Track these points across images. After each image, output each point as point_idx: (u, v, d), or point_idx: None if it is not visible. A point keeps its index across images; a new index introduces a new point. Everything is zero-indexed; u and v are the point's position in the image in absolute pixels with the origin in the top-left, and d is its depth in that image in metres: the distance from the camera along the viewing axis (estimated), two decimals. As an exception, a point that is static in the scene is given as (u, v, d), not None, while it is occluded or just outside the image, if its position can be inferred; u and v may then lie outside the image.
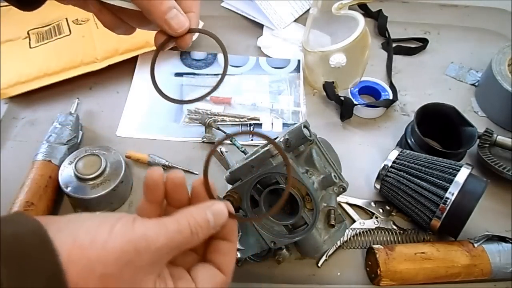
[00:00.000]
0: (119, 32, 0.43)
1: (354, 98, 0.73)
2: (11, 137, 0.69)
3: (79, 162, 0.58)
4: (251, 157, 0.48)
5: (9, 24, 0.77)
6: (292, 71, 0.80)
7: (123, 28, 0.42)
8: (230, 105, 0.73)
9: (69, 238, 0.28)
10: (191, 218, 0.33)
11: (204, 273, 0.35)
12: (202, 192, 0.36)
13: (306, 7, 0.89)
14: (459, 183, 0.53)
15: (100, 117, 0.72)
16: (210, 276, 0.35)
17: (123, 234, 0.30)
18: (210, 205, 0.34)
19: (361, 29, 0.69)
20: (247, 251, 0.50)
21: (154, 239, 0.30)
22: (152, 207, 0.36)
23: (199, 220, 0.33)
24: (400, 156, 0.59)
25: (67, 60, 0.73)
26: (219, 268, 0.35)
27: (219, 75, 0.78)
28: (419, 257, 0.53)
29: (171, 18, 0.37)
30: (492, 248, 0.54)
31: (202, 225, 0.33)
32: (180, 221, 0.32)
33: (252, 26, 0.87)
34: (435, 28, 0.89)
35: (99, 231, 0.29)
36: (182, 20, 0.37)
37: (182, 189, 0.36)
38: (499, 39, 0.86)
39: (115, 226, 0.30)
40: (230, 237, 0.36)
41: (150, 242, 0.30)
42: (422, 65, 0.83)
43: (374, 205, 0.61)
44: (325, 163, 0.51)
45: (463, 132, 0.64)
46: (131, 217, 0.31)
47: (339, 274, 0.56)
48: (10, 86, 0.71)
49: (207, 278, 0.34)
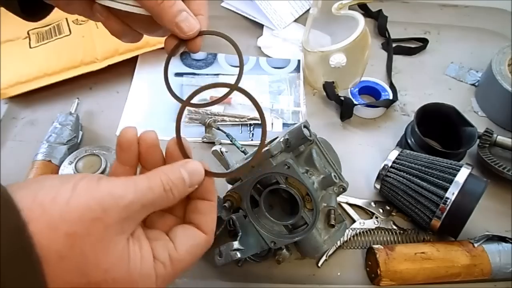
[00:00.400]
0: (126, 40, 0.42)
1: (354, 98, 0.73)
2: (11, 137, 0.69)
3: (79, 162, 0.58)
4: (251, 157, 0.48)
5: (9, 24, 0.77)
6: (292, 71, 0.80)
7: (130, 35, 0.41)
8: (230, 105, 0.73)
9: (29, 196, 0.26)
10: (163, 175, 0.32)
11: (183, 233, 0.34)
12: (176, 152, 0.35)
13: (306, 7, 0.89)
14: (459, 183, 0.53)
15: (100, 117, 0.72)
16: (189, 236, 0.34)
17: (87, 191, 0.28)
18: (184, 163, 0.33)
19: (361, 29, 0.69)
20: (247, 251, 0.50)
21: (121, 195, 0.28)
22: (125, 170, 0.35)
23: (173, 178, 0.32)
24: (400, 156, 0.59)
25: (67, 60, 0.73)
26: (199, 228, 0.34)
27: (219, 75, 0.78)
28: (419, 257, 0.53)
29: (182, 21, 0.36)
30: (492, 248, 0.54)
31: (176, 183, 0.32)
32: (150, 178, 0.31)
33: (252, 26, 0.87)
34: (435, 28, 0.89)
35: (61, 189, 0.27)
36: (192, 23, 0.37)
37: (156, 150, 0.35)
38: (499, 39, 0.86)
39: (78, 184, 0.28)
40: (208, 196, 0.35)
41: (118, 198, 0.28)
42: (422, 65, 0.83)
43: (374, 205, 0.61)
44: (325, 163, 0.51)
45: (463, 132, 0.64)
46: (96, 176, 0.30)
47: (339, 274, 0.56)
48: (10, 86, 0.71)
49: (186, 237, 0.33)
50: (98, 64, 0.73)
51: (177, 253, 0.32)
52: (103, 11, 0.38)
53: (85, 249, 0.27)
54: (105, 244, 0.28)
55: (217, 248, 0.50)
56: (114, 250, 0.28)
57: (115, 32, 0.40)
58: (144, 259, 0.30)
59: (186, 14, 0.36)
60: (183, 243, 0.33)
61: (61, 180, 0.28)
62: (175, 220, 0.36)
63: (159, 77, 0.79)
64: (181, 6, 0.36)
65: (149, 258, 0.30)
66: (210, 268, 0.55)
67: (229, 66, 0.80)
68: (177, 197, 0.32)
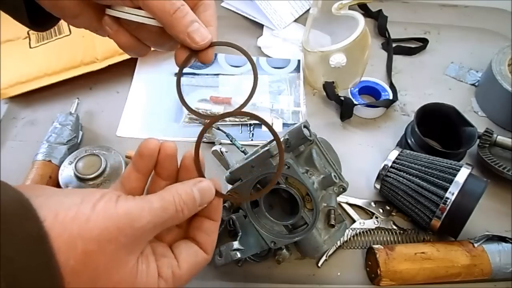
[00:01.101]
0: (134, 53, 0.42)
1: (354, 98, 0.73)
2: (11, 137, 0.69)
3: (79, 162, 0.58)
4: (251, 157, 0.48)
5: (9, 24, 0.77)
6: (292, 71, 0.80)
7: (138, 48, 0.41)
8: (230, 105, 0.73)
9: (51, 212, 0.28)
10: (177, 195, 0.33)
11: (187, 251, 0.35)
12: (191, 165, 0.36)
13: (306, 7, 0.89)
14: (459, 183, 0.53)
15: (100, 117, 0.72)
16: (192, 254, 0.35)
17: (106, 211, 0.29)
18: (197, 182, 0.35)
19: (361, 29, 0.69)
20: (247, 251, 0.50)
21: (137, 217, 0.30)
22: (139, 177, 0.36)
23: (185, 198, 0.33)
24: (400, 156, 0.59)
25: (67, 60, 0.73)
26: (201, 246, 0.36)
27: (219, 75, 0.78)
28: (419, 257, 0.53)
29: (193, 32, 0.36)
30: (492, 248, 0.54)
31: (187, 203, 0.33)
32: (165, 198, 0.32)
33: (252, 26, 0.87)
34: (435, 28, 0.89)
35: (81, 208, 0.29)
36: (204, 33, 0.37)
37: (173, 161, 0.37)
38: (499, 39, 0.86)
39: (97, 203, 0.29)
40: (214, 216, 0.37)
41: (133, 220, 0.30)
42: (422, 65, 0.83)
43: (374, 205, 0.61)
44: (325, 163, 0.51)
45: (463, 132, 0.64)
46: (115, 195, 0.31)
47: (339, 274, 0.56)
48: (10, 86, 0.71)
49: (189, 256, 0.35)
50: (98, 64, 0.73)
51: (179, 271, 0.34)
52: (113, 24, 0.38)
53: (98, 266, 0.29)
54: (117, 262, 0.30)
55: (217, 248, 0.50)
56: (125, 268, 0.30)
57: (124, 45, 0.40)
58: (149, 276, 0.32)
59: (197, 24, 0.36)
60: (186, 261, 0.35)
61: (82, 196, 0.30)
62: (179, 232, 0.38)
63: (159, 77, 0.79)
64: (193, 17, 0.36)
65: (154, 275, 0.32)
66: (210, 268, 0.55)
67: (229, 66, 0.80)
68: (187, 216, 0.34)
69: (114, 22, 0.38)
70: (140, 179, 0.36)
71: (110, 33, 0.39)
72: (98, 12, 0.38)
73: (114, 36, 0.39)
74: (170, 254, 0.35)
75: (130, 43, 0.40)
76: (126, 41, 0.40)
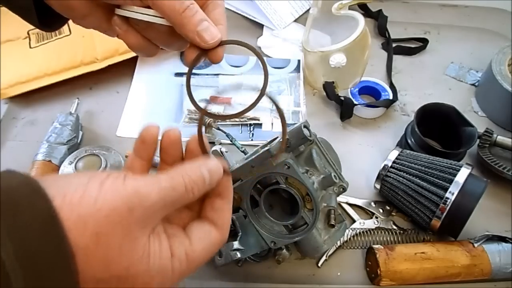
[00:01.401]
0: (143, 53, 0.42)
1: (354, 98, 0.73)
2: (11, 137, 0.69)
3: (79, 162, 0.58)
4: (251, 157, 0.48)
5: (9, 24, 0.77)
6: (292, 71, 0.80)
7: (148, 49, 0.41)
8: (230, 105, 0.73)
9: (60, 194, 0.27)
10: (186, 175, 0.32)
11: (199, 230, 0.35)
12: (196, 149, 0.36)
13: (306, 7, 0.89)
14: (459, 183, 0.53)
15: (100, 117, 0.72)
16: (205, 233, 0.34)
17: (114, 190, 0.29)
18: (205, 162, 0.34)
19: (361, 29, 0.69)
20: (247, 251, 0.50)
21: (146, 195, 0.29)
22: (142, 164, 0.36)
23: (194, 177, 0.33)
24: (400, 156, 0.59)
25: (67, 60, 0.73)
26: (214, 225, 0.35)
27: (219, 75, 0.78)
28: (419, 257, 0.53)
29: (203, 30, 0.36)
30: (492, 248, 0.54)
31: (197, 182, 0.33)
32: (174, 177, 0.32)
33: (252, 26, 0.87)
34: (435, 28, 0.89)
35: (88, 187, 0.28)
36: (214, 32, 0.36)
37: (177, 146, 0.37)
38: (499, 39, 0.86)
39: (105, 182, 0.29)
40: (225, 194, 0.36)
41: (143, 198, 0.29)
42: (422, 65, 0.83)
43: (374, 205, 0.61)
44: (325, 163, 0.51)
45: (463, 132, 0.64)
46: (122, 174, 0.30)
47: (339, 274, 0.56)
48: (10, 86, 0.71)
49: (201, 234, 0.34)
50: (98, 64, 0.74)
51: (193, 251, 0.33)
52: (123, 24, 0.38)
53: (110, 247, 0.28)
54: (128, 242, 0.29)
55: (217, 248, 0.50)
56: (136, 247, 0.29)
57: (133, 45, 0.40)
58: (162, 256, 0.31)
59: (207, 23, 0.36)
60: (199, 241, 0.34)
61: (89, 177, 0.29)
62: (191, 215, 0.37)
63: (159, 77, 0.79)
64: (202, 16, 0.36)
65: (167, 254, 0.31)
66: (210, 268, 0.55)
67: (229, 66, 0.80)
68: (197, 195, 0.33)
69: (123, 22, 0.38)
70: (143, 166, 0.36)
71: (119, 33, 0.39)
72: (107, 12, 0.38)
73: (123, 36, 0.39)
74: (182, 234, 0.34)
75: (140, 43, 0.40)
76: (136, 41, 0.39)
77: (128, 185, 0.29)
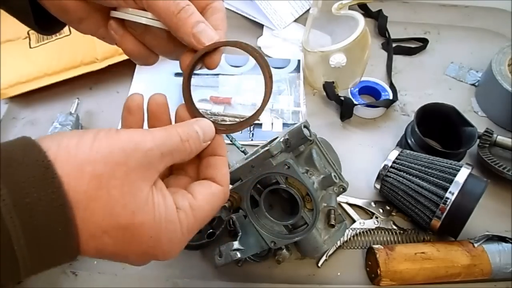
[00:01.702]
0: (141, 61, 0.40)
1: (354, 98, 0.73)
2: (11, 137, 0.67)
3: (79, 162, 0.58)
4: (251, 157, 0.48)
5: (9, 24, 0.77)
6: (292, 71, 0.80)
7: (146, 56, 0.40)
8: (230, 105, 0.73)
9: (54, 143, 0.27)
10: (179, 127, 0.33)
11: (200, 186, 0.35)
12: (186, 115, 0.36)
13: (306, 7, 0.89)
14: (459, 183, 0.53)
15: (100, 117, 0.72)
16: (206, 188, 0.35)
17: (109, 138, 0.29)
18: (196, 120, 0.35)
19: (361, 29, 0.69)
20: (247, 251, 0.50)
21: (141, 141, 0.30)
22: None
23: (188, 130, 0.33)
24: (400, 156, 0.59)
25: (67, 60, 0.73)
26: (214, 181, 0.35)
27: (219, 75, 0.78)
28: (419, 257, 0.53)
29: (199, 32, 0.35)
30: (492, 248, 0.54)
31: (191, 134, 0.33)
32: (167, 129, 0.32)
33: (252, 26, 0.87)
34: (435, 28, 0.89)
35: (83, 137, 0.28)
36: (211, 34, 0.35)
37: (165, 110, 0.37)
38: (499, 39, 0.86)
39: (98, 133, 0.29)
40: (220, 151, 0.36)
41: (138, 144, 0.29)
42: (422, 65, 0.83)
43: (374, 205, 0.61)
44: (325, 163, 0.51)
45: (463, 132, 0.64)
46: (113, 128, 0.30)
47: (339, 274, 0.56)
48: (10, 86, 0.71)
49: (203, 190, 0.34)
50: (98, 64, 0.74)
51: (196, 202, 0.33)
52: (119, 28, 0.37)
53: (111, 190, 0.28)
54: (130, 187, 0.29)
55: (217, 248, 0.50)
56: (140, 194, 0.29)
57: (130, 52, 0.39)
58: (168, 207, 0.31)
59: (204, 25, 0.35)
60: (200, 192, 0.34)
61: (81, 131, 0.30)
62: (189, 180, 0.37)
63: (159, 77, 0.79)
64: (199, 17, 0.35)
65: (172, 207, 0.31)
66: (210, 268, 0.55)
67: (229, 66, 0.80)
68: (194, 150, 0.33)
69: (119, 27, 0.37)
70: None
71: (116, 38, 0.38)
72: (104, 17, 0.38)
73: (120, 42, 0.38)
74: (183, 190, 0.34)
75: (137, 49, 0.39)
76: (133, 48, 0.38)
77: (122, 134, 0.30)
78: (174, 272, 0.55)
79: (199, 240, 0.55)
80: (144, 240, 0.30)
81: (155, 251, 0.31)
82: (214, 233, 0.56)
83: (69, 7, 0.37)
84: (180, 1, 0.34)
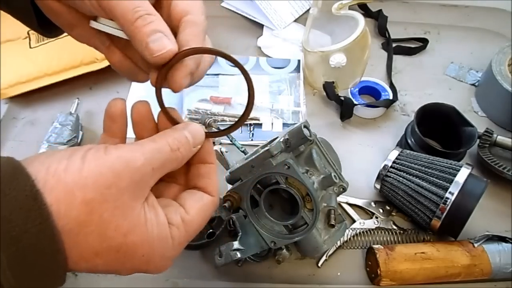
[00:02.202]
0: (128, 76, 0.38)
1: (354, 98, 0.73)
2: (11, 137, 0.69)
3: (79, 162, 0.58)
4: (251, 157, 0.48)
5: (9, 24, 0.77)
6: (292, 71, 0.80)
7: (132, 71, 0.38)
8: (230, 105, 0.73)
9: (42, 167, 0.27)
10: (168, 136, 0.32)
11: (191, 197, 0.34)
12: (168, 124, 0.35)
13: (306, 7, 0.89)
14: (459, 183, 0.53)
15: (100, 117, 0.71)
16: (197, 199, 0.34)
17: (97, 159, 0.28)
18: (185, 125, 0.34)
19: (361, 29, 0.69)
20: (247, 251, 0.50)
21: (131, 159, 0.29)
22: (116, 143, 0.35)
23: (177, 137, 0.32)
24: (400, 156, 0.59)
25: (67, 60, 0.73)
26: (204, 191, 0.35)
27: (218, 75, 0.78)
28: (419, 257, 0.53)
29: (153, 41, 0.30)
30: (492, 248, 0.54)
31: (181, 141, 0.32)
32: (156, 139, 0.31)
33: (252, 26, 0.87)
34: (435, 28, 0.89)
35: (71, 160, 0.27)
36: (164, 42, 0.31)
37: (149, 118, 0.36)
38: (499, 39, 0.86)
39: (86, 154, 0.28)
40: (209, 159, 0.36)
41: (128, 162, 0.28)
42: (422, 65, 0.83)
43: (374, 205, 0.61)
44: (325, 163, 0.51)
45: (463, 132, 0.64)
46: (102, 146, 0.29)
47: (339, 274, 0.56)
48: (10, 86, 0.71)
49: (194, 200, 0.34)
50: (98, 64, 0.73)
51: (188, 216, 0.33)
52: (106, 39, 0.36)
53: (103, 215, 0.27)
54: (121, 209, 0.28)
55: (217, 248, 0.50)
56: (131, 215, 0.29)
57: (115, 64, 0.37)
58: (160, 224, 0.31)
59: (161, 34, 0.31)
60: (192, 205, 0.34)
61: (70, 151, 0.29)
62: (179, 188, 0.37)
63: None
64: (158, 26, 0.31)
65: (164, 222, 0.31)
66: (210, 268, 0.55)
67: (229, 66, 0.79)
68: (184, 156, 0.33)
69: (106, 38, 0.36)
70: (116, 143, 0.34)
71: (101, 49, 0.37)
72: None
73: (106, 54, 0.37)
74: (175, 203, 0.34)
75: (122, 63, 0.37)
76: (118, 60, 0.37)
77: (111, 153, 0.29)
78: (173, 272, 0.55)
79: (199, 240, 0.55)
80: (136, 258, 0.30)
81: (147, 267, 0.31)
82: (214, 233, 0.56)
83: (58, 10, 0.35)
84: (139, 8, 0.31)
